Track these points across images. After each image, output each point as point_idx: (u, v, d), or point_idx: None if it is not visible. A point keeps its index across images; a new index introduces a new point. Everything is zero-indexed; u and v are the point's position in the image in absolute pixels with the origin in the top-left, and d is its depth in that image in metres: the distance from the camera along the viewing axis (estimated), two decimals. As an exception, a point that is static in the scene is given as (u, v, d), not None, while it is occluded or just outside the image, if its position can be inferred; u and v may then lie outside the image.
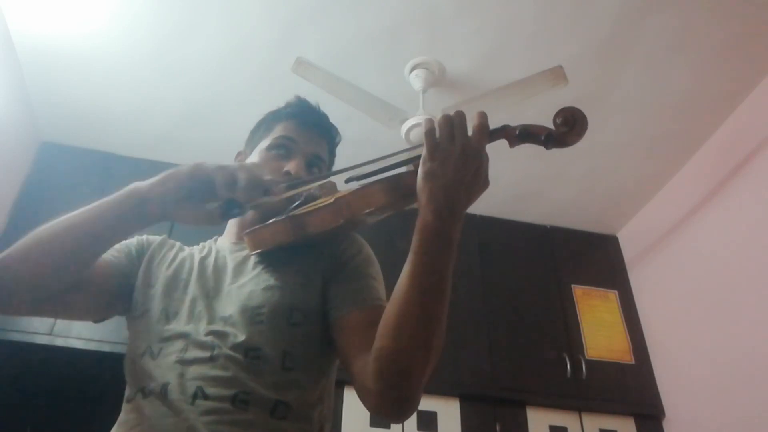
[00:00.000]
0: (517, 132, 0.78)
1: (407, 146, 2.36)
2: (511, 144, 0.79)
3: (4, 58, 2.46)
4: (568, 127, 0.77)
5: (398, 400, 0.78)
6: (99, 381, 2.62)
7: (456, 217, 0.73)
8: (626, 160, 2.91)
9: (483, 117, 0.75)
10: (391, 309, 0.76)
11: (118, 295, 0.98)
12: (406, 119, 2.33)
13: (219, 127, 2.82)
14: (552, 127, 0.78)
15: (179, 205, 0.84)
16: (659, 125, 2.72)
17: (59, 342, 2.43)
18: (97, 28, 2.41)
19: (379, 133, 2.50)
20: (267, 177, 0.87)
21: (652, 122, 2.70)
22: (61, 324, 2.45)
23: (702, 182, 2.78)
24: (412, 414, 0.80)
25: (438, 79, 2.49)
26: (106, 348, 2.45)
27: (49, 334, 2.43)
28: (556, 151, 0.99)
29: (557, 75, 2.20)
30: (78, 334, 2.46)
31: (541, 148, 0.81)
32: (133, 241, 1.05)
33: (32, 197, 2.74)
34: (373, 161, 0.84)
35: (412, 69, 2.47)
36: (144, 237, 1.07)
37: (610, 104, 2.61)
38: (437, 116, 0.77)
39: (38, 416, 2.65)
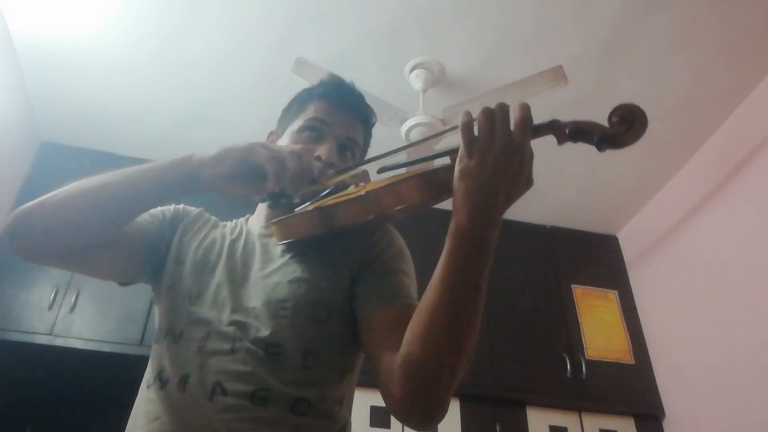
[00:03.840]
0: (568, 130, 0.71)
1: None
2: (560, 141, 0.72)
3: (4, 58, 2.46)
4: (626, 126, 0.69)
5: (424, 408, 0.73)
6: (99, 381, 2.63)
7: (493, 220, 0.68)
8: (626, 160, 2.91)
9: (526, 110, 0.68)
10: (420, 315, 0.72)
11: (146, 261, 0.96)
12: (406, 119, 2.33)
13: (219, 127, 2.82)
14: (607, 125, 0.70)
15: (227, 183, 0.81)
16: (659, 125, 2.72)
17: (59, 342, 2.43)
18: (98, 29, 2.42)
19: (379, 133, 2.50)
20: (315, 164, 0.83)
21: (652, 122, 2.68)
22: (61, 324, 2.45)
23: (702, 182, 2.78)
24: (438, 423, 0.75)
25: (438, 79, 2.49)
26: (106, 348, 2.45)
27: (49, 334, 2.43)
28: (556, 151, 0.97)
29: (557, 75, 2.20)
30: (78, 334, 2.46)
31: (541, 147, 0.76)
32: (169, 209, 1.02)
33: (32, 197, 2.72)
34: (409, 145, 0.80)
35: (412, 69, 2.47)
36: (181, 207, 1.04)
37: (610, 104, 2.55)
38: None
39: (38, 416, 2.65)
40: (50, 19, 2.39)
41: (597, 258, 3.27)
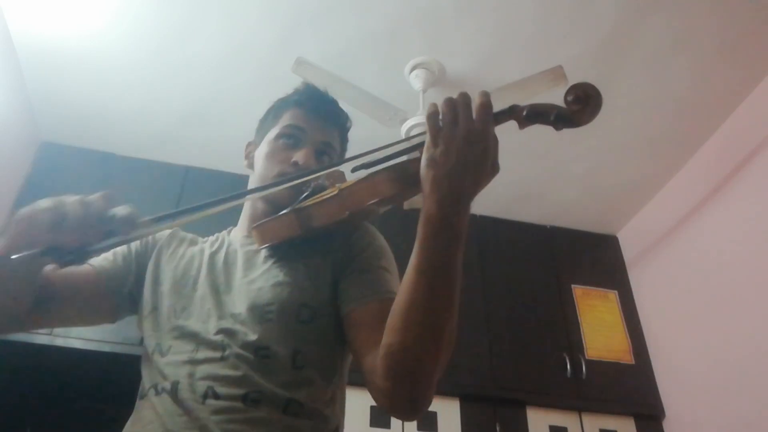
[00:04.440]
0: (525, 112, 0.73)
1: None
2: (521, 125, 0.74)
3: (4, 58, 2.46)
4: (580, 105, 0.71)
5: (409, 397, 0.75)
6: (99, 381, 2.63)
7: (461, 205, 0.70)
8: (626, 160, 2.91)
9: (485, 96, 0.71)
10: (397, 304, 0.73)
11: (119, 297, 0.97)
12: (406, 119, 2.33)
13: (219, 127, 2.82)
14: (563, 105, 0.73)
15: (34, 260, 0.73)
16: (659, 125, 2.72)
17: (59, 342, 2.43)
18: (98, 29, 2.42)
19: (379, 133, 2.50)
20: (118, 212, 0.70)
21: (652, 122, 2.70)
22: (61, 324, 2.45)
23: (702, 182, 2.78)
24: (424, 411, 0.76)
25: (438, 79, 2.49)
26: (106, 348, 2.45)
27: (49, 334, 2.43)
28: (556, 151, 0.98)
29: (557, 75, 2.20)
30: (78, 334, 2.46)
31: (542, 147, 0.79)
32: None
33: (32, 197, 2.66)
34: (383, 147, 0.81)
35: (412, 69, 2.47)
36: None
37: (610, 104, 2.59)
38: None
39: (38, 416, 2.65)
40: (50, 19, 2.39)
41: (597, 258, 3.27)
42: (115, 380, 2.52)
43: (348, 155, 1.12)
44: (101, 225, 0.69)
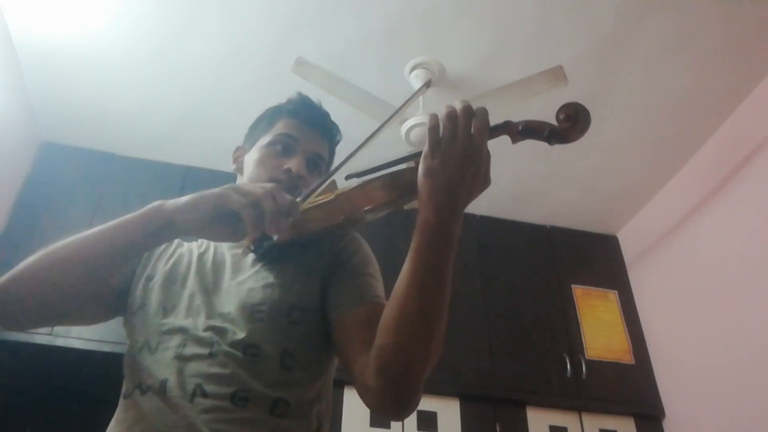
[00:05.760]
0: (520, 128, 0.77)
1: (407, 146, 2.36)
2: (514, 140, 0.79)
3: (4, 58, 2.46)
4: (571, 122, 0.76)
5: (399, 397, 0.77)
6: (99, 381, 2.62)
7: (456, 214, 0.73)
8: (626, 160, 2.91)
9: (483, 114, 0.74)
10: (391, 306, 0.76)
11: (124, 295, 0.98)
12: (406, 119, 2.33)
13: (219, 127, 2.82)
14: (555, 122, 0.77)
15: (202, 228, 0.82)
16: (659, 125, 2.72)
17: (59, 342, 2.43)
18: (98, 29, 2.42)
19: (378, 133, 2.50)
20: (288, 198, 0.82)
21: (652, 122, 2.70)
22: (61, 324, 2.45)
23: (702, 182, 2.78)
24: (412, 411, 0.79)
25: (438, 79, 2.49)
26: (106, 348, 2.45)
27: (49, 334, 2.43)
28: (556, 152, 0.99)
29: (557, 75, 2.20)
30: (78, 334, 2.46)
31: (542, 148, 0.80)
32: None
33: (32, 197, 2.74)
34: (378, 167, 0.84)
35: (412, 69, 2.47)
36: None
37: (610, 104, 2.61)
38: (441, 110, 0.76)
39: (38, 416, 2.65)
40: (50, 19, 2.39)
41: (597, 258, 3.27)
42: (116, 380, 2.52)
43: (346, 154, 1.13)
44: (287, 212, 0.81)
